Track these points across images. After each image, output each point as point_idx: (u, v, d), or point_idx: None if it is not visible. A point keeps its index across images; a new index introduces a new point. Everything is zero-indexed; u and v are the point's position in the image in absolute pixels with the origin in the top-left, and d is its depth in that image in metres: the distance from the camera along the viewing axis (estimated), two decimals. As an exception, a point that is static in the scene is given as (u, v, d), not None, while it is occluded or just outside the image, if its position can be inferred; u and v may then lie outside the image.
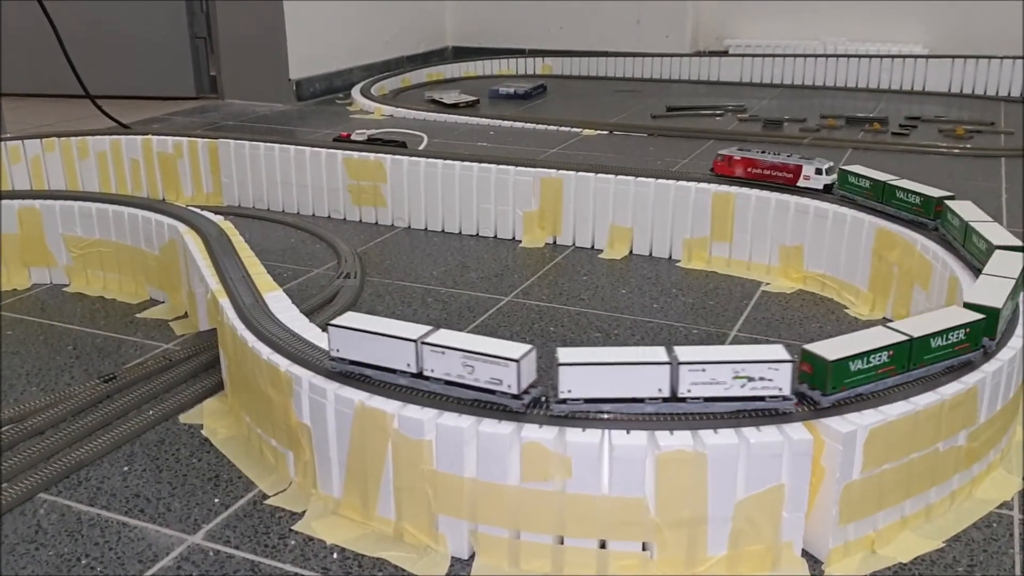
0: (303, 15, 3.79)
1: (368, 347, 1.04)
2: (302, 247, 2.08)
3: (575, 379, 0.97)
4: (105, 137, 2.42)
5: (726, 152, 1.92)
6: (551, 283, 1.84)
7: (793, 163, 1.83)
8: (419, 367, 1.02)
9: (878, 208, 1.69)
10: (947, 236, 1.54)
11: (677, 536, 0.97)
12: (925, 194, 1.60)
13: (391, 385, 1.04)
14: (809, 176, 1.81)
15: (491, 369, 0.98)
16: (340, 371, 1.07)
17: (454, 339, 1.01)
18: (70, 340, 1.60)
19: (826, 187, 1.80)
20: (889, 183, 1.67)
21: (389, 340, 1.03)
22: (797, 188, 1.82)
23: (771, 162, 1.85)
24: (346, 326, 1.06)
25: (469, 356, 0.99)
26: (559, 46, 4.68)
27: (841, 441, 0.96)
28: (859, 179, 1.73)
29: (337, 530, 1.07)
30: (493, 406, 0.99)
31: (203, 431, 1.30)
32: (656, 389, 0.97)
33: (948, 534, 1.06)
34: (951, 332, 1.07)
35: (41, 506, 1.13)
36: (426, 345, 1.01)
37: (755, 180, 1.88)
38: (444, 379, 1.01)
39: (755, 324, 1.64)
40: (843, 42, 4.27)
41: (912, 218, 1.62)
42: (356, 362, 1.06)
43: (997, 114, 3.46)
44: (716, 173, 1.94)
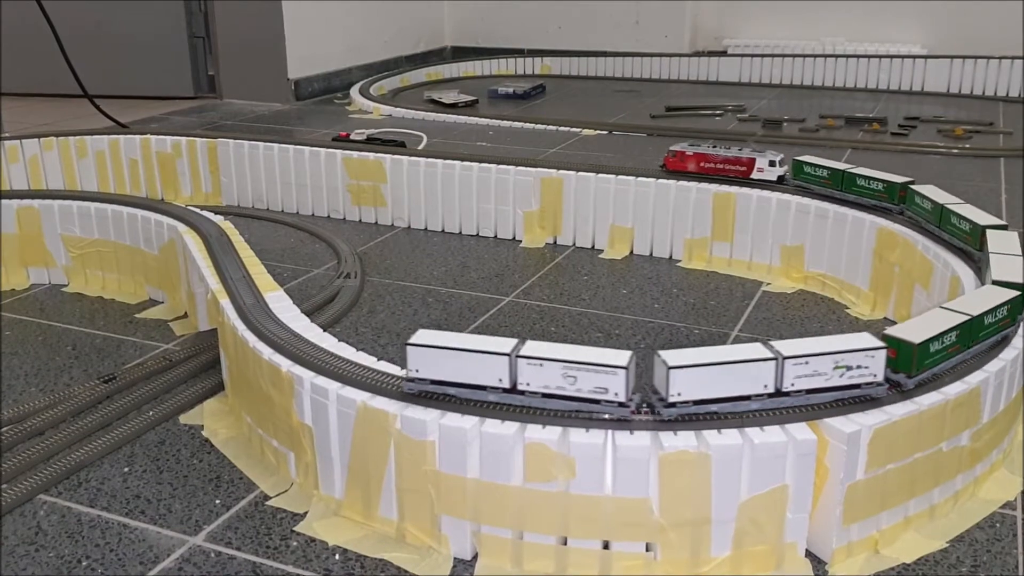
0: (302, 15, 3.79)
1: (452, 365, 1.00)
2: (302, 247, 2.07)
3: (684, 381, 0.96)
4: (104, 137, 2.42)
5: (677, 148, 1.95)
6: (552, 283, 1.84)
7: (746, 156, 1.86)
8: (512, 382, 0.99)
9: (837, 196, 1.74)
10: (916, 219, 1.60)
11: (681, 537, 0.96)
12: (888, 180, 1.66)
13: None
14: (763, 168, 1.85)
15: (596, 378, 0.96)
16: (416, 392, 1.01)
17: (549, 350, 0.99)
18: (69, 340, 1.60)
19: (779, 178, 1.85)
20: (848, 171, 1.72)
21: (478, 356, 0.99)
22: (751, 180, 1.86)
23: (724, 156, 1.88)
24: (427, 344, 1.00)
25: (571, 366, 0.96)
26: (558, 46, 4.67)
27: (845, 441, 0.96)
28: (815, 168, 1.78)
29: (339, 531, 1.07)
30: (598, 416, 0.97)
31: (204, 432, 1.29)
32: (762, 385, 0.98)
33: (952, 534, 1.05)
34: (998, 309, 1.12)
35: (41, 507, 1.12)
36: (522, 358, 0.98)
37: (708, 174, 1.91)
38: (542, 392, 0.98)
39: (756, 324, 1.64)
40: (842, 42, 4.27)
41: (875, 203, 1.67)
42: (438, 381, 1.01)
43: (996, 114, 3.46)
44: (668, 169, 1.96)
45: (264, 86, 3.80)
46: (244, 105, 3.78)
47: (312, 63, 3.91)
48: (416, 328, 1.61)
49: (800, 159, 1.82)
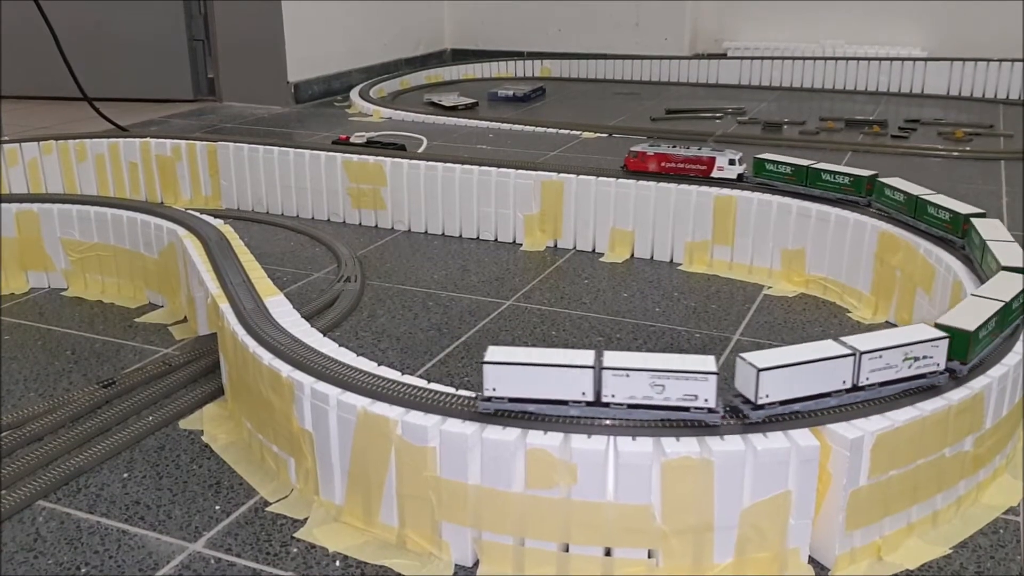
0: (301, 17, 3.79)
1: (531, 381, 0.97)
2: (301, 251, 2.07)
3: (772, 383, 0.96)
4: (103, 140, 2.41)
5: (638, 148, 1.97)
6: (552, 287, 1.84)
7: (706, 155, 1.90)
8: (596, 394, 0.97)
9: (802, 191, 1.80)
10: (886, 211, 1.67)
11: (683, 543, 0.96)
12: (854, 173, 1.73)
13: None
14: (723, 167, 1.89)
15: (685, 385, 0.96)
16: (492, 412, 0.98)
17: (633, 360, 0.97)
18: (68, 345, 1.59)
19: (739, 176, 1.89)
20: (812, 166, 1.78)
21: (559, 370, 0.97)
22: (711, 179, 1.90)
23: (684, 155, 1.92)
24: (504, 362, 0.98)
25: (659, 375, 0.96)
26: (558, 48, 4.67)
27: (848, 447, 0.95)
28: (778, 165, 1.83)
29: (339, 537, 1.06)
30: (686, 423, 0.96)
31: (203, 437, 1.29)
32: (841, 381, 0.99)
33: (955, 540, 1.05)
34: (1021, 295, 1.19)
35: (40, 514, 1.12)
36: (607, 370, 0.96)
37: (669, 174, 1.94)
38: (627, 403, 0.97)
39: (758, 328, 1.63)
40: (842, 44, 4.27)
41: (841, 197, 1.75)
42: (517, 399, 0.98)
43: (996, 117, 3.46)
44: (629, 169, 1.98)
45: (264, 89, 3.80)
46: (244, 108, 3.78)
47: (312, 66, 3.91)
48: (416, 332, 1.61)
49: (761, 157, 1.86)
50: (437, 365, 1.50)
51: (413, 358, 1.53)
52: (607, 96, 4.02)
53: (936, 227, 1.55)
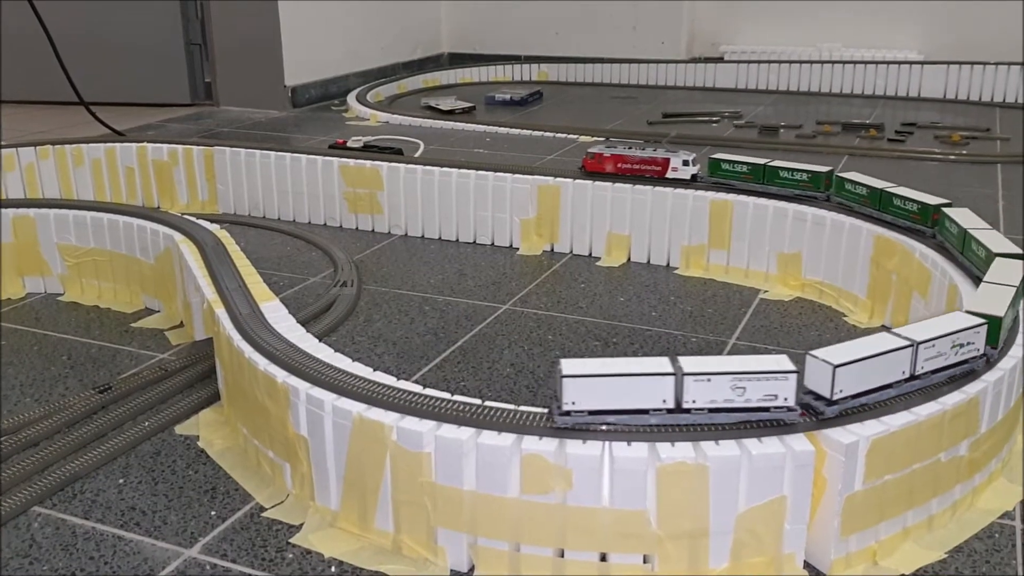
0: (299, 21, 3.79)
1: (610, 392, 0.96)
2: (298, 255, 2.07)
3: (845, 378, 0.98)
4: (100, 144, 2.41)
5: (595, 150, 2.01)
6: (549, 291, 1.84)
7: (660, 156, 1.95)
8: (677, 401, 0.97)
9: (759, 190, 1.84)
10: (847, 204, 1.73)
11: (679, 548, 0.96)
12: (812, 170, 1.78)
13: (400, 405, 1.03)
14: (677, 167, 1.93)
15: (766, 386, 0.96)
16: (571, 426, 0.96)
17: (712, 364, 0.97)
18: (64, 350, 1.59)
19: (693, 177, 1.93)
20: (769, 164, 1.83)
21: (640, 379, 0.96)
22: (666, 179, 1.94)
23: (640, 156, 1.96)
24: (583, 374, 0.96)
25: (740, 377, 0.96)
26: (555, 52, 4.67)
27: (843, 452, 0.95)
28: (734, 164, 1.87)
29: (335, 543, 1.06)
30: (766, 423, 0.97)
31: (199, 442, 1.29)
32: (900, 372, 1.02)
33: (950, 545, 1.05)
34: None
35: (35, 520, 1.11)
36: (689, 376, 0.96)
37: (626, 175, 1.98)
38: (708, 407, 0.97)
39: (754, 332, 1.63)
40: (839, 48, 4.27)
41: (799, 193, 1.80)
42: (596, 411, 0.97)
43: (993, 120, 3.47)
44: (586, 170, 2.02)
45: (261, 93, 3.80)
46: (241, 112, 3.78)
47: (309, 70, 3.90)
48: (412, 336, 1.61)
49: (716, 156, 1.90)
50: (433, 370, 1.50)
51: (409, 363, 1.53)
52: (604, 100, 4.02)
53: (903, 217, 1.60)
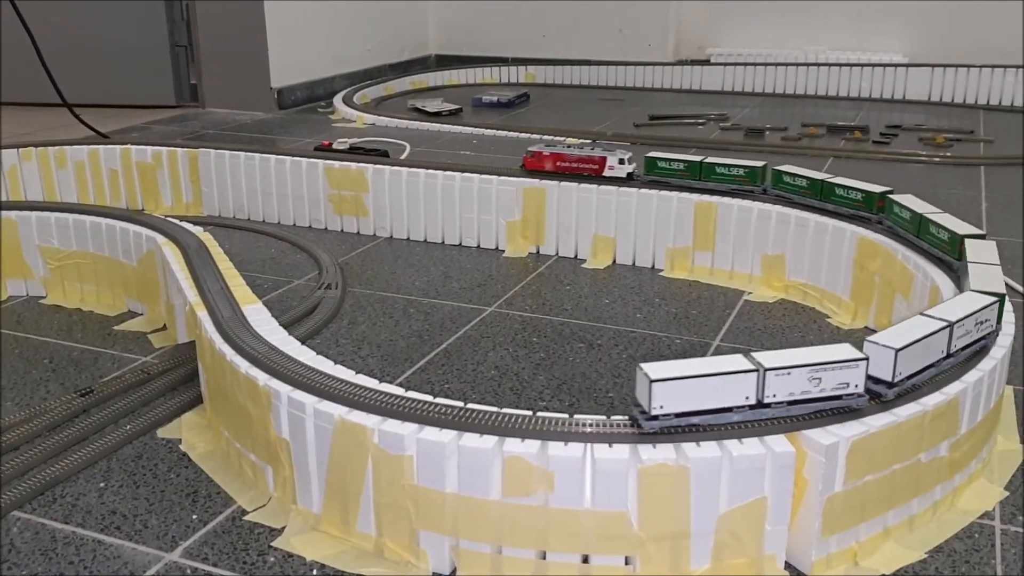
0: (285, 23, 3.78)
1: (696, 393, 0.96)
2: (283, 258, 2.06)
3: (904, 361, 1.02)
4: (83, 147, 2.40)
5: (535, 148, 2.06)
6: (534, 293, 1.84)
7: (597, 155, 1.99)
8: (760, 396, 0.98)
9: (696, 186, 1.90)
10: (786, 196, 1.80)
11: (660, 550, 0.96)
12: (748, 165, 1.85)
13: (368, 402, 1.03)
14: (613, 166, 1.98)
15: (838, 375, 0.99)
16: (658, 430, 0.96)
17: (788, 358, 0.99)
18: (46, 353, 1.58)
19: (628, 175, 1.98)
20: (705, 161, 1.89)
21: (724, 378, 0.96)
22: (603, 177, 1.99)
23: (578, 155, 2.01)
24: (670, 377, 0.95)
25: (817, 369, 0.98)
26: (542, 54, 4.68)
27: (823, 453, 0.95)
28: (670, 162, 1.93)
29: (317, 546, 1.06)
30: (837, 411, 1.00)
31: (181, 446, 1.28)
32: (940, 352, 1.07)
33: (930, 545, 1.05)
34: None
35: (14, 524, 1.11)
36: (771, 371, 0.97)
37: (564, 173, 2.03)
38: (787, 400, 0.98)
39: (738, 333, 1.64)
40: (824, 51, 4.29)
41: (736, 188, 1.85)
42: (683, 413, 0.97)
43: (977, 122, 3.49)
44: (527, 169, 2.07)
45: (247, 95, 3.79)
46: (227, 114, 3.77)
47: (295, 72, 3.90)
48: (397, 339, 1.61)
49: (652, 155, 1.96)
50: (417, 372, 1.50)
51: (393, 365, 1.52)
52: (591, 102, 4.03)
53: (846, 206, 1.66)
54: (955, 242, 1.40)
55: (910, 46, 4.24)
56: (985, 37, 4.07)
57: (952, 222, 1.46)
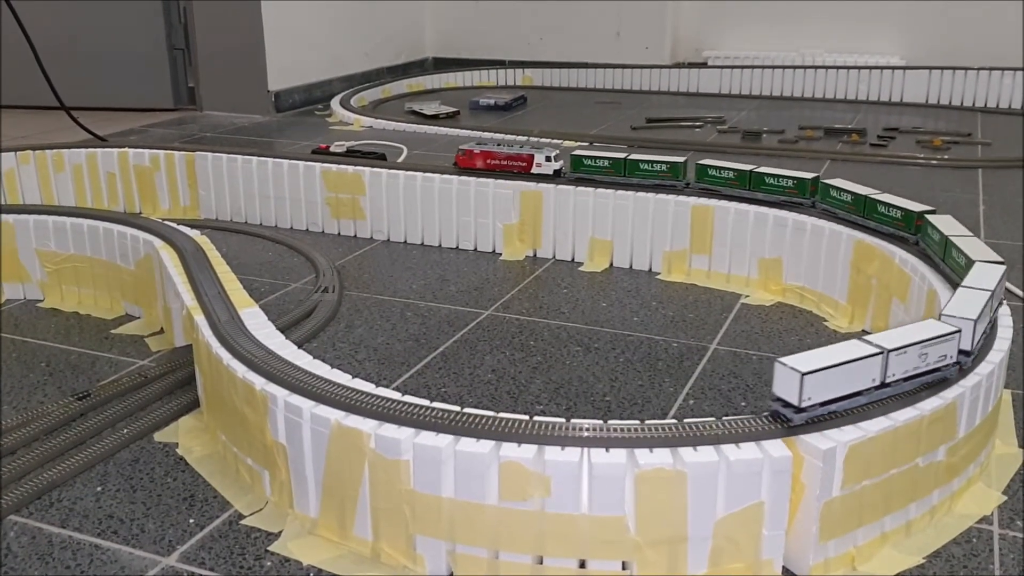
0: (282, 26, 3.78)
1: (834, 381, 0.98)
2: (280, 261, 2.06)
3: (975, 332, 1.09)
4: (81, 150, 2.40)
5: (466, 147, 2.13)
6: (531, 296, 1.84)
7: (526, 153, 2.06)
8: (883, 378, 1.02)
9: (621, 182, 1.97)
10: (711, 188, 1.88)
11: (657, 554, 0.96)
12: (671, 161, 1.93)
13: (366, 405, 1.03)
14: (541, 163, 2.04)
15: (939, 349, 1.06)
16: (805, 421, 0.98)
17: (900, 338, 1.04)
18: (43, 357, 1.58)
19: (555, 172, 2.04)
20: (629, 158, 1.96)
21: (858, 364, 1.00)
22: (532, 175, 2.05)
23: (507, 153, 2.08)
24: (818, 368, 0.97)
25: (925, 345, 1.05)
26: (539, 57, 4.68)
27: (821, 458, 0.95)
28: (595, 160, 2.01)
29: (314, 550, 1.06)
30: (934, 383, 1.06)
31: (178, 450, 1.28)
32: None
33: (928, 550, 1.05)
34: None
35: (11, 529, 1.11)
36: (893, 352, 1.02)
37: (495, 170, 2.08)
38: (902, 378, 1.03)
39: (735, 337, 1.64)
40: (821, 53, 4.30)
41: (659, 183, 1.94)
42: (824, 402, 0.98)
43: (974, 125, 3.49)
44: (459, 167, 2.12)
45: (244, 98, 3.79)
46: (224, 117, 3.77)
47: (293, 75, 3.90)
48: (394, 342, 1.61)
49: (576, 153, 2.02)
50: (415, 376, 1.50)
51: (390, 369, 1.52)
52: (588, 105, 4.03)
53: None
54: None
55: (907, 48, 4.24)
56: (982, 39, 4.07)
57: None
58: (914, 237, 1.57)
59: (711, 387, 1.45)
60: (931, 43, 4.19)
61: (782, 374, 0.98)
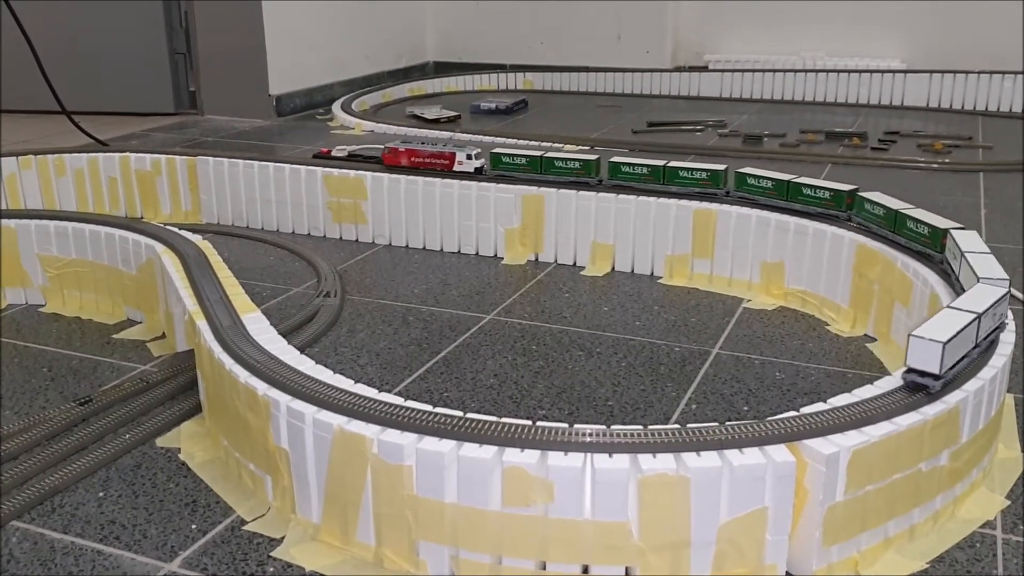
0: (283, 30, 3.79)
1: (957, 346, 1.07)
2: (281, 265, 2.06)
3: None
4: (82, 154, 2.40)
5: (392, 145, 2.21)
6: (533, 301, 1.84)
7: (448, 151, 2.13)
8: (977, 339, 1.11)
9: (539, 179, 2.05)
10: (627, 183, 1.96)
11: (660, 560, 0.96)
12: (584, 159, 2.00)
13: (371, 410, 1.03)
14: (462, 162, 2.11)
15: (998, 310, 1.16)
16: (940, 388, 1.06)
17: (978, 302, 1.13)
18: (45, 362, 1.58)
19: (476, 170, 2.11)
20: (545, 156, 2.05)
21: (968, 329, 1.08)
22: (454, 172, 2.12)
23: (430, 151, 2.15)
24: (951, 337, 1.04)
25: (994, 306, 1.14)
26: (540, 61, 4.69)
27: (824, 463, 0.95)
28: (513, 158, 2.07)
29: (316, 556, 1.06)
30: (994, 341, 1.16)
31: (180, 455, 1.28)
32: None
33: (932, 555, 1.05)
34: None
35: (14, 534, 1.10)
36: (984, 315, 1.11)
37: (419, 168, 2.16)
38: (983, 338, 1.13)
39: (737, 341, 1.63)
40: (822, 57, 4.30)
41: (574, 179, 2.00)
42: (952, 367, 1.07)
43: (975, 128, 3.49)
44: (386, 164, 2.20)
45: (245, 102, 3.79)
46: (225, 121, 3.77)
47: (294, 79, 3.90)
48: (396, 347, 1.61)
49: (496, 151, 2.10)
50: (417, 381, 1.50)
51: (392, 374, 1.52)
52: (589, 108, 4.03)
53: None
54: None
55: (908, 52, 4.25)
56: (983, 43, 4.07)
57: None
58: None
59: (713, 391, 1.45)
60: (932, 46, 4.19)
61: (919, 346, 1.04)
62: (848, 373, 1.51)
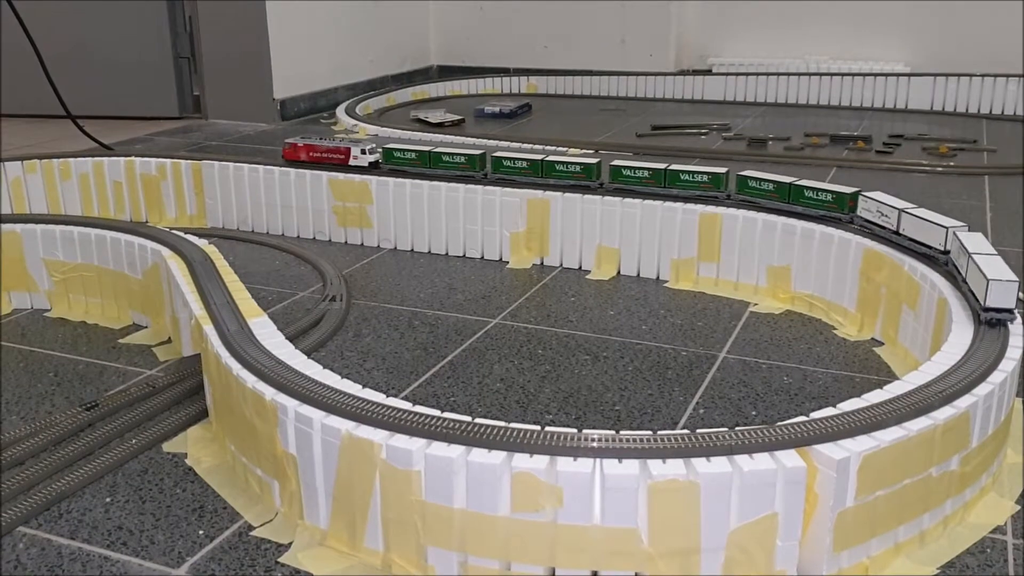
0: (287, 34, 3.79)
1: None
2: (287, 270, 2.06)
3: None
4: (87, 159, 2.40)
5: (291, 140, 2.30)
6: (538, 305, 1.83)
7: (343, 146, 2.23)
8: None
9: (428, 173, 2.12)
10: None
11: (670, 566, 0.95)
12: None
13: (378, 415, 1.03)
14: (357, 156, 2.21)
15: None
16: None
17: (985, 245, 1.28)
18: (51, 367, 1.58)
19: (371, 164, 2.20)
20: (434, 152, 2.14)
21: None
22: (350, 166, 2.21)
23: (327, 146, 2.24)
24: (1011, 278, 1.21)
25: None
26: (544, 65, 4.68)
27: (834, 468, 0.95)
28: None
29: (324, 562, 1.05)
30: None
31: (187, 460, 1.28)
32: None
33: (942, 560, 1.05)
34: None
35: (20, 540, 1.10)
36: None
37: (317, 162, 2.25)
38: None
39: (744, 345, 1.63)
40: (826, 60, 4.30)
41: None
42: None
43: (979, 132, 3.49)
44: (286, 159, 2.29)
45: (250, 106, 3.79)
46: (230, 125, 3.77)
47: (298, 83, 3.90)
48: (402, 351, 1.61)
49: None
50: (423, 385, 1.50)
51: (399, 378, 1.52)
52: (593, 112, 4.03)
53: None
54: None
55: (912, 55, 4.24)
56: (987, 46, 4.07)
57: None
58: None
59: (721, 396, 1.44)
60: (935, 50, 4.19)
61: (998, 288, 1.21)
62: (856, 377, 1.51)
